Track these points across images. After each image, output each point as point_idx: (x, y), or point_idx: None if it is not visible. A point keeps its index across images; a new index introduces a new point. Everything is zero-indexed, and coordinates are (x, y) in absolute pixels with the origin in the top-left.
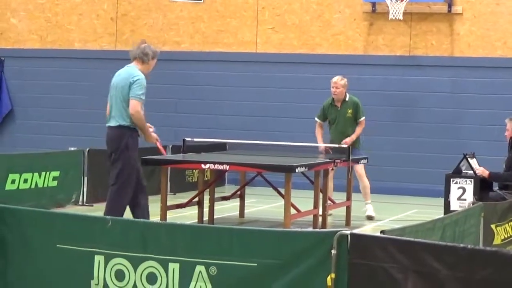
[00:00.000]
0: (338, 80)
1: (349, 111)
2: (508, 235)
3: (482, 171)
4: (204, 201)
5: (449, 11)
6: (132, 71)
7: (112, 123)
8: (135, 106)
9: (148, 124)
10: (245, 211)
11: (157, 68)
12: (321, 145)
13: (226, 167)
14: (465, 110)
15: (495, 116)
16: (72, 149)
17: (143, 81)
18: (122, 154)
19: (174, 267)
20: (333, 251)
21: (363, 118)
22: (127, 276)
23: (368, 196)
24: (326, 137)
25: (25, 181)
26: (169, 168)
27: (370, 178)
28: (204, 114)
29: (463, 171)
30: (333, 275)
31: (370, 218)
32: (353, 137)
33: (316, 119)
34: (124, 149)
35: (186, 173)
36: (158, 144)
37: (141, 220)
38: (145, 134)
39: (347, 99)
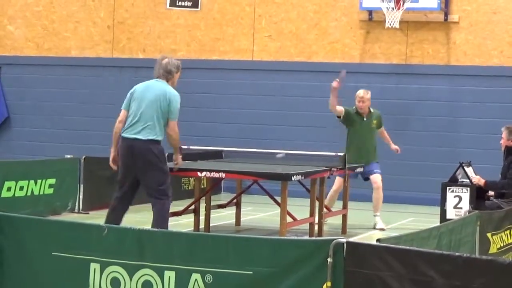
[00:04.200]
0: (365, 95)
1: (374, 121)
2: (504, 243)
3: (478, 180)
4: (200, 209)
5: (446, 19)
6: (167, 87)
7: (142, 136)
8: (175, 127)
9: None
10: (241, 219)
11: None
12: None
13: (222, 175)
14: (461, 118)
15: (492, 124)
16: (68, 156)
17: (179, 100)
18: (157, 166)
19: (170, 275)
20: (329, 259)
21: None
22: (122, 284)
23: (378, 208)
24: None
25: (21, 188)
26: None
27: (365, 186)
28: (201, 122)
29: (459, 180)
30: (329, 283)
31: (382, 229)
32: (391, 143)
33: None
34: (159, 161)
35: (182, 181)
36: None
37: (137, 228)
38: (176, 155)
39: (372, 110)
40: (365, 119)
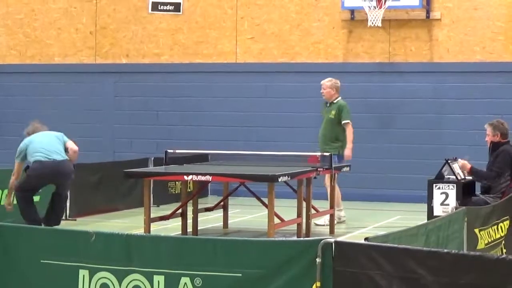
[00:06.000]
0: (325, 82)
1: (333, 112)
2: (492, 239)
3: (463, 164)
4: (188, 213)
5: (428, 17)
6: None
7: (62, 157)
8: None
9: None
10: (229, 221)
11: (137, 80)
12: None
13: (209, 178)
14: (445, 115)
15: (476, 121)
16: None
17: None
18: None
19: (159, 279)
20: (318, 260)
21: (346, 121)
22: None
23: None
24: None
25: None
26: (151, 180)
27: (352, 186)
28: (186, 125)
29: (446, 176)
30: (318, 284)
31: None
32: (349, 145)
33: None
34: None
35: (169, 185)
36: None
37: (125, 233)
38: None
39: (335, 101)
40: (326, 107)
